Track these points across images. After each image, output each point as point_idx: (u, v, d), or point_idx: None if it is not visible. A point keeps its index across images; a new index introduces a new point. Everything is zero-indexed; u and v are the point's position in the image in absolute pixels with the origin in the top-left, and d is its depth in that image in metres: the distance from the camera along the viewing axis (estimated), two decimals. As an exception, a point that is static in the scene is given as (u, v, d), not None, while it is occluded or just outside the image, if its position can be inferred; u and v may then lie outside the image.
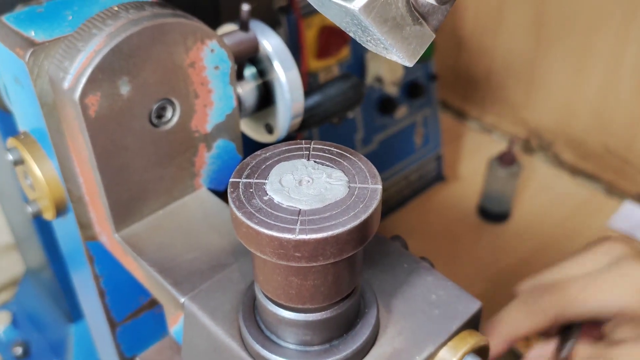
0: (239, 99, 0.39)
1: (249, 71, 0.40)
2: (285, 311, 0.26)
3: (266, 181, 0.25)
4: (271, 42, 0.39)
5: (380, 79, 0.77)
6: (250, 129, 0.44)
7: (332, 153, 0.27)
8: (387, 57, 0.24)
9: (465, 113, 1.06)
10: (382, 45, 0.23)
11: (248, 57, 0.39)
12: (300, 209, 0.24)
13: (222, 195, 0.38)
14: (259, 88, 0.40)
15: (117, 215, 0.35)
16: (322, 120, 0.44)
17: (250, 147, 0.39)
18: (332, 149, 0.27)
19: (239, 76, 0.39)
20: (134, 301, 0.41)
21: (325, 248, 0.23)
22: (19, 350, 0.65)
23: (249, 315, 0.28)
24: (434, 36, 0.24)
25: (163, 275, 0.33)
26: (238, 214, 0.24)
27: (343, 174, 0.25)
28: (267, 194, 0.24)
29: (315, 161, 0.26)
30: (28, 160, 0.36)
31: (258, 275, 0.26)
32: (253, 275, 0.27)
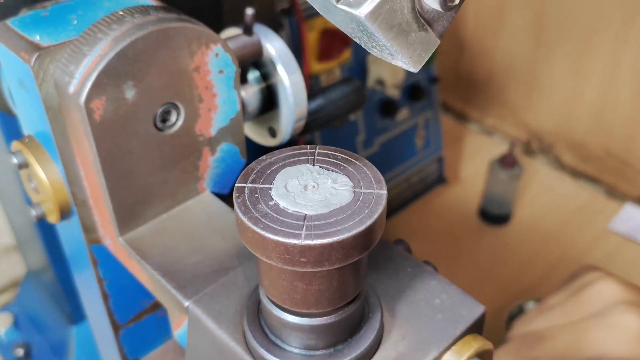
0: (243, 103, 0.39)
1: (253, 75, 0.40)
2: (290, 316, 0.27)
3: (272, 186, 0.25)
4: (275, 46, 0.39)
5: (381, 82, 0.77)
6: (253, 133, 0.44)
7: (337, 158, 0.27)
8: (392, 63, 0.24)
9: (466, 115, 1.06)
10: (388, 51, 0.23)
11: (252, 61, 0.39)
12: (305, 214, 0.24)
13: (226, 198, 0.38)
14: (263, 91, 0.40)
15: (121, 218, 0.35)
16: (325, 123, 0.45)
17: (253, 151, 0.39)
18: (337, 154, 0.27)
19: (243, 80, 0.39)
20: (137, 304, 0.42)
21: (330, 253, 0.23)
22: (21, 351, 0.65)
23: (254, 319, 0.28)
24: (439, 42, 0.24)
25: (167, 278, 0.33)
26: (244, 219, 0.24)
27: (348, 179, 0.25)
28: (273, 199, 0.25)
29: (320, 166, 0.26)
30: (32, 163, 0.36)
31: (263, 279, 0.26)
32: (258, 279, 0.27)
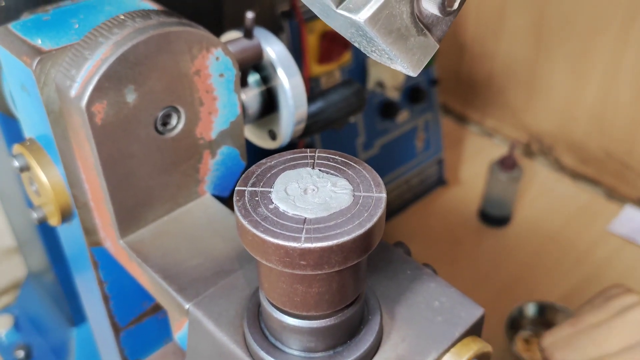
0: (243, 106, 0.39)
1: (253, 78, 0.40)
2: (290, 318, 0.27)
3: (272, 189, 0.25)
4: (275, 49, 0.39)
5: (381, 84, 0.77)
6: (253, 135, 0.44)
7: (337, 162, 0.27)
8: (392, 67, 0.25)
9: (466, 117, 1.07)
10: (387, 55, 0.24)
11: (252, 64, 0.39)
12: (305, 218, 0.24)
13: (227, 201, 0.39)
14: (263, 95, 0.40)
15: (122, 221, 0.35)
16: (325, 126, 0.45)
17: (253, 154, 0.39)
18: (337, 158, 0.27)
19: (243, 83, 0.40)
20: (138, 306, 0.42)
21: (330, 256, 0.23)
22: (21, 353, 0.65)
23: (254, 321, 0.29)
24: (438, 46, 0.25)
25: (168, 281, 0.33)
26: (244, 222, 0.24)
27: (348, 183, 0.26)
28: (273, 203, 0.25)
29: (320, 170, 0.26)
30: (34, 166, 0.36)
31: (263, 282, 0.26)
32: (258, 282, 0.27)
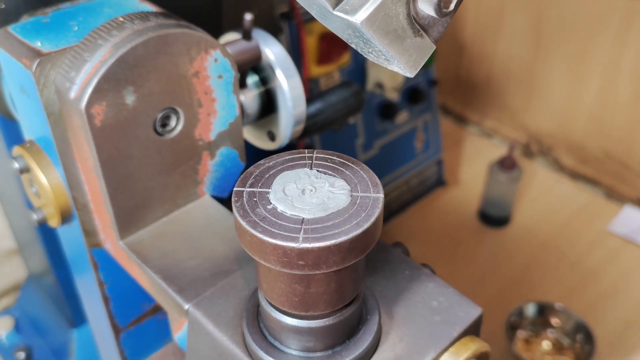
0: (242, 107, 0.39)
1: (252, 79, 0.40)
2: (288, 318, 0.27)
3: (270, 190, 0.25)
4: (273, 51, 0.39)
5: (381, 85, 0.77)
6: (252, 137, 0.44)
7: (335, 162, 0.27)
8: (389, 68, 0.25)
9: (465, 118, 1.07)
10: (384, 56, 0.24)
11: (251, 66, 0.40)
12: (303, 218, 0.24)
13: (226, 202, 0.39)
14: (262, 96, 0.40)
15: (122, 222, 0.35)
16: (324, 127, 0.45)
17: (252, 155, 0.40)
18: (335, 158, 0.27)
19: (242, 84, 0.40)
20: (138, 307, 0.42)
21: (328, 256, 0.23)
22: (22, 355, 0.65)
23: (253, 321, 0.29)
24: (435, 47, 0.25)
25: (167, 282, 0.33)
26: (242, 223, 0.24)
27: (345, 183, 0.26)
28: (271, 203, 0.25)
29: (318, 170, 0.26)
30: (34, 168, 0.36)
31: (262, 282, 0.27)
32: (257, 282, 0.28)
